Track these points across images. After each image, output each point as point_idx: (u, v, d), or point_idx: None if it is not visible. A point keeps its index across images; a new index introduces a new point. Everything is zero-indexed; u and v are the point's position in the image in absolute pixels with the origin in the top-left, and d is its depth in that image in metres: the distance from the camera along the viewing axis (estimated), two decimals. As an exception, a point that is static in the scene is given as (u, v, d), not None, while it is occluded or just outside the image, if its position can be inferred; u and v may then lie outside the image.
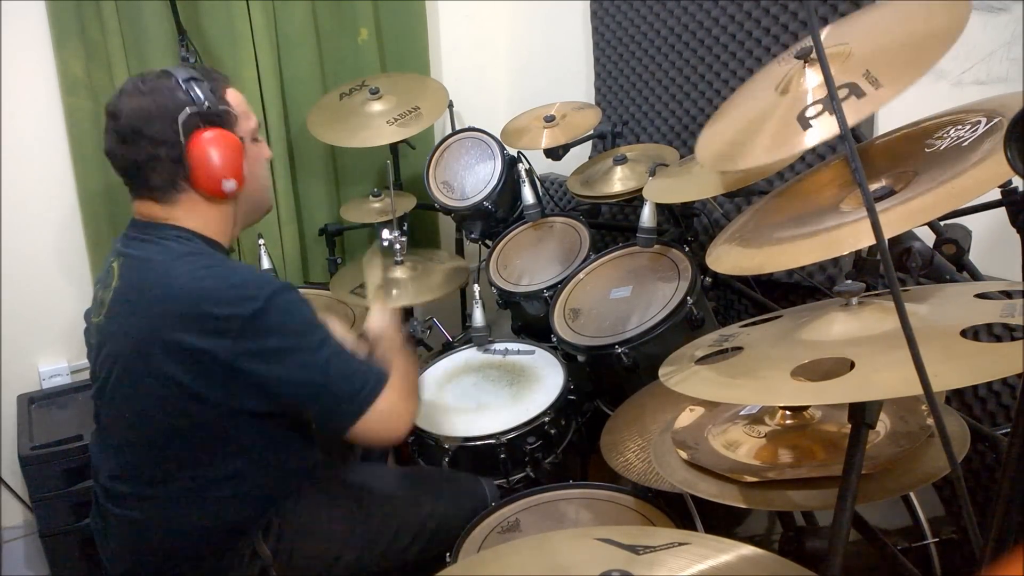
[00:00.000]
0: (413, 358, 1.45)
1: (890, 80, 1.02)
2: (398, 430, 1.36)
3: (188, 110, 1.31)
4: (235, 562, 1.40)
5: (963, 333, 0.81)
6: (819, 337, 0.93)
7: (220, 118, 1.35)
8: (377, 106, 2.33)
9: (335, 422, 1.33)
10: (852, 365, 0.82)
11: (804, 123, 1.06)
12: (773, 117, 1.13)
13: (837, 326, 0.93)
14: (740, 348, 1.00)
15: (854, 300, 0.95)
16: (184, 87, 1.33)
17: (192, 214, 1.37)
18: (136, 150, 1.32)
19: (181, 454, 1.34)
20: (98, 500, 1.45)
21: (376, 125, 2.30)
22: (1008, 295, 0.93)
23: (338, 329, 1.51)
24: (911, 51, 1.07)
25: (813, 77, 1.12)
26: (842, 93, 1.04)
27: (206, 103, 1.33)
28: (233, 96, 1.41)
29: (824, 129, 1.03)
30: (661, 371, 1.02)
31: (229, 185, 1.36)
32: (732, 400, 1.09)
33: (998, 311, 0.87)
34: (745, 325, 1.12)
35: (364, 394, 1.31)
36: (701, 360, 1.01)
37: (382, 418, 1.32)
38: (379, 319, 1.55)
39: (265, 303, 1.26)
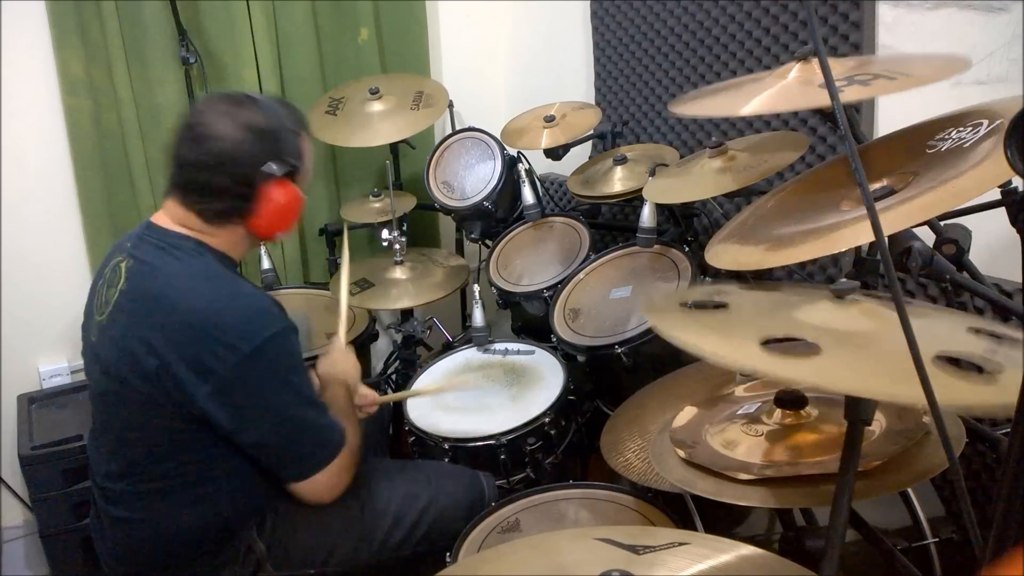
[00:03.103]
0: (358, 429, 1.49)
1: (920, 74, 1.03)
2: (327, 498, 1.41)
3: (273, 165, 1.35)
4: (230, 558, 1.41)
5: (938, 358, 0.81)
6: (800, 318, 0.92)
7: (295, 173, 1.40)
8: (377, 106, 2.33)
9: (281, 473, 1.38)
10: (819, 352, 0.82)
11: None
12: (784, 82, 1.14)
13: (821, 313, 0.92)
14: (726, 305, 0.99)
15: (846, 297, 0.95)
16: (275, 134, 1.36)
17: (224, 239, 1.40)
18: (214, 178, 1.35)
19: (173, 454, 1.35)
20: (95, 500, 1.46)
21: (376, 125, 2.30)
22: (998, 337, 0.91)
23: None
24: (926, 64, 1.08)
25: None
26: (866, 78, 1.04)
27: (291, 160, 1.38)
28: (306, 147, 1.45)
29: (852, 95, 1.04)
30: (642, 303, 1.01)
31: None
32: (691, 348, 1.06)
33: (981, 347, 0.86)
34: (745, 287, 1.11)
35: (319, 458, 1.37)
36: (686, 306, 1.00)
37: (319, 486, 1.39)
38: (333, 363, 1.58)
39: (266, 342, 1.29)
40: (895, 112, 1.63)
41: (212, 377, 1.27)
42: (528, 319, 2.07)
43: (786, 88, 1.14)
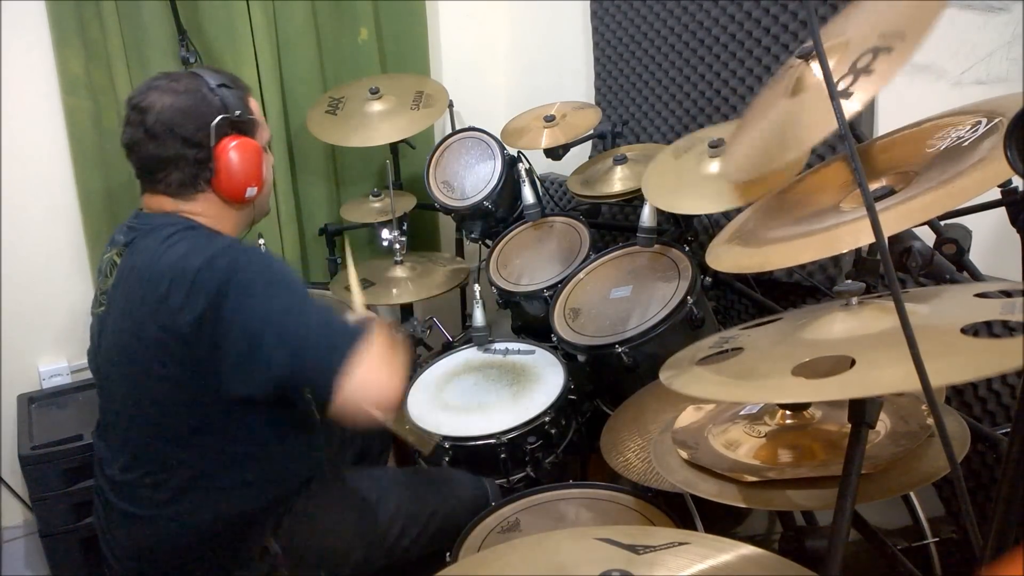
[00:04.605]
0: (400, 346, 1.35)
1: (911, 29, 1.02)
2: (380, 395, 1.26)
3: (220, 116, 1.36)
4: (244, 558, 1.40)
5: (963, 331, 0.81)
6: (819, 336, 0.93)
7: (247, 126, 1.41)
8: (377, 106, 2.33)
9: (319, 380, 1.25)
10: (852, 363, 0.82)
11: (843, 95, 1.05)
12: (802, 108, 1.13)
13: (837, 325, 0.93)
14: (740, 348, 1.00)
15: (854, 300, 0.95)
16: (216, 92, 1.37)
17: (204, 210, 1.40)
18: (164, 147, 1.35)
19: (185, 444, 1.34)
20: (103, 495, 1.44)
21: (376, 124, 2.30)
22: (1008, 294, 0.93)
23: None
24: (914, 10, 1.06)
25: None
26: (867, 59, 1.03)
27: (236, 111, 1.38)
28: (254, 106, 1.46)
29: (865, 92, 1.02)
30: (662, 373, 1.02)
31: (252, 192, 1.42)
32: (734, 399, 1.09)
33: (997, 309, 0.87)
34: (745, 327, 1.12)
35: (345, 346, 1.24)
36: (702, 361, 1.01)
37: (361, 384, 1.23)
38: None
39: (239, 257, 1.28)
40: (895, 111, 1.63)
41: (208, 308, 1.22)
42: (528, 319, 2.07)
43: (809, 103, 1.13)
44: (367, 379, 1.24)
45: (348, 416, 1.25)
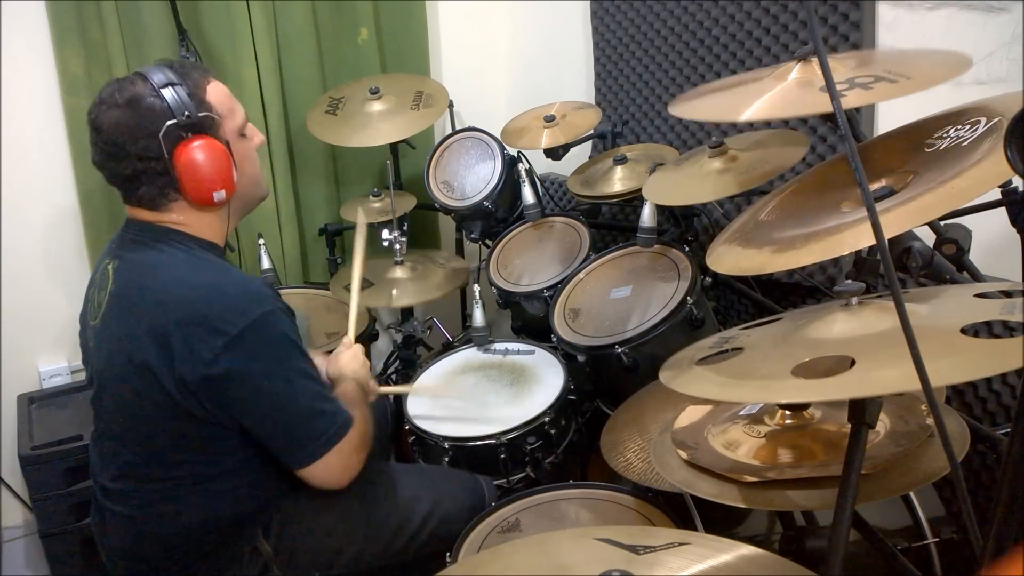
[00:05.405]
0: (369, 414, 1.47)
1: (921, 77, 1.03)
2: (341, 482, 1.39)
3: (168, 123, 1.28)
4: (235, 559, 1.40)
5: (964, 331, 0.81)
6: (819, 336, 0.93)
7: (202, 125, 1.32)
8: (377, 106, 2.33)
9: (288, 459, 1.36)
10: (852, 363, 0.82)
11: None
12: (784, 84, 1.14)
13: (838, 325, 0.93)
14: (740, 349, 1.00)
15: (854, 300, 0.95)
16: (161, 95, 1.29)
17: (185, 218, 1.37)
18: (122, 166, 1.31)
19: (177, 453, 1.35)
20: (97, 499, 1.46)
21: (376, 124, 2.30)
22: (1008, 294, 0.93)
23: (317, 361, 1.56)
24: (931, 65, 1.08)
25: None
26: (867, 81, 1.04)
27: (185, 112, 1.29)
28: (215, 92, 1.37)
29: (857, 100, 1.04)
30: (662, 373, 1.02)
31: (219, 196, 1.35)
32: (734, 399, 1.09)
33: (997, 309, 0.87)
34: (745, 328, 1.12)
35: (324, 439, 1.34)
36: (702, 361, 1.01)
37: (330, 468, 1.36)
38: (345, 363, 1.56)
39: (253, 323, 1.27)
40: (895, 111, 1.63)
41: (201, 364, 1.25)
42: (528, 319, 2.07)
43: (786, 91, 1.14)
44: (332, 472, 1.37)
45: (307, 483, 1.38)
